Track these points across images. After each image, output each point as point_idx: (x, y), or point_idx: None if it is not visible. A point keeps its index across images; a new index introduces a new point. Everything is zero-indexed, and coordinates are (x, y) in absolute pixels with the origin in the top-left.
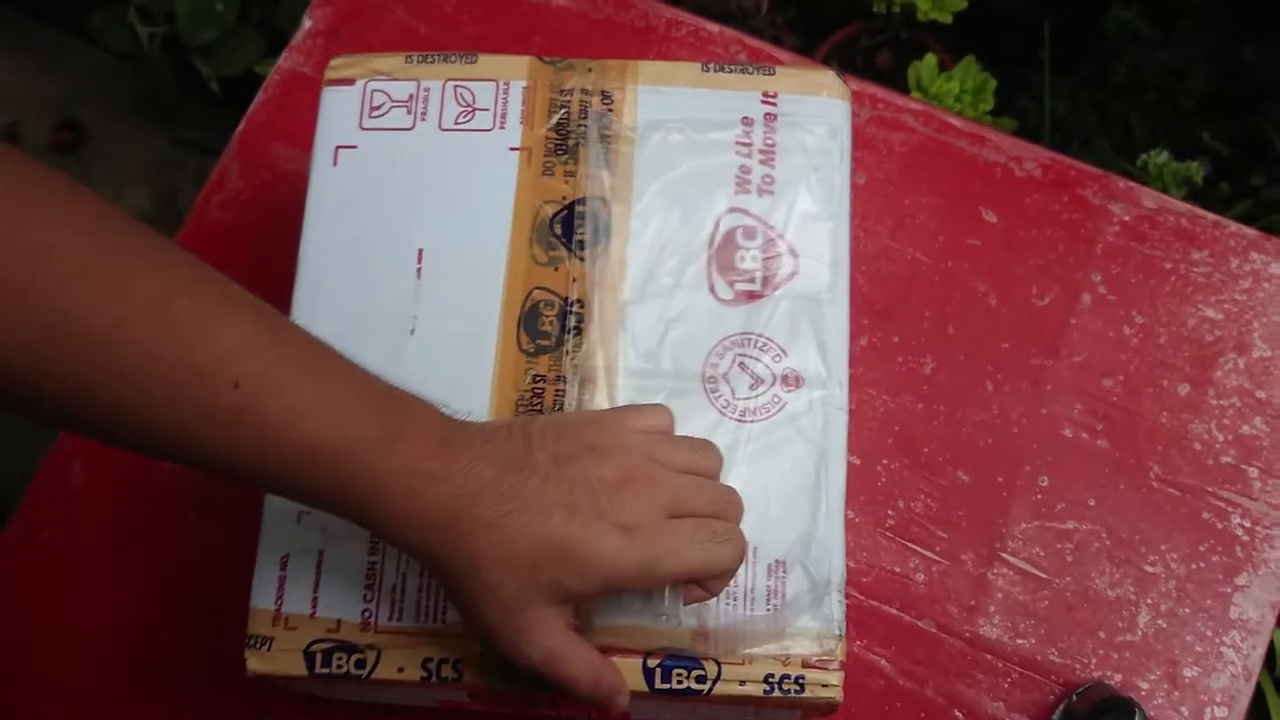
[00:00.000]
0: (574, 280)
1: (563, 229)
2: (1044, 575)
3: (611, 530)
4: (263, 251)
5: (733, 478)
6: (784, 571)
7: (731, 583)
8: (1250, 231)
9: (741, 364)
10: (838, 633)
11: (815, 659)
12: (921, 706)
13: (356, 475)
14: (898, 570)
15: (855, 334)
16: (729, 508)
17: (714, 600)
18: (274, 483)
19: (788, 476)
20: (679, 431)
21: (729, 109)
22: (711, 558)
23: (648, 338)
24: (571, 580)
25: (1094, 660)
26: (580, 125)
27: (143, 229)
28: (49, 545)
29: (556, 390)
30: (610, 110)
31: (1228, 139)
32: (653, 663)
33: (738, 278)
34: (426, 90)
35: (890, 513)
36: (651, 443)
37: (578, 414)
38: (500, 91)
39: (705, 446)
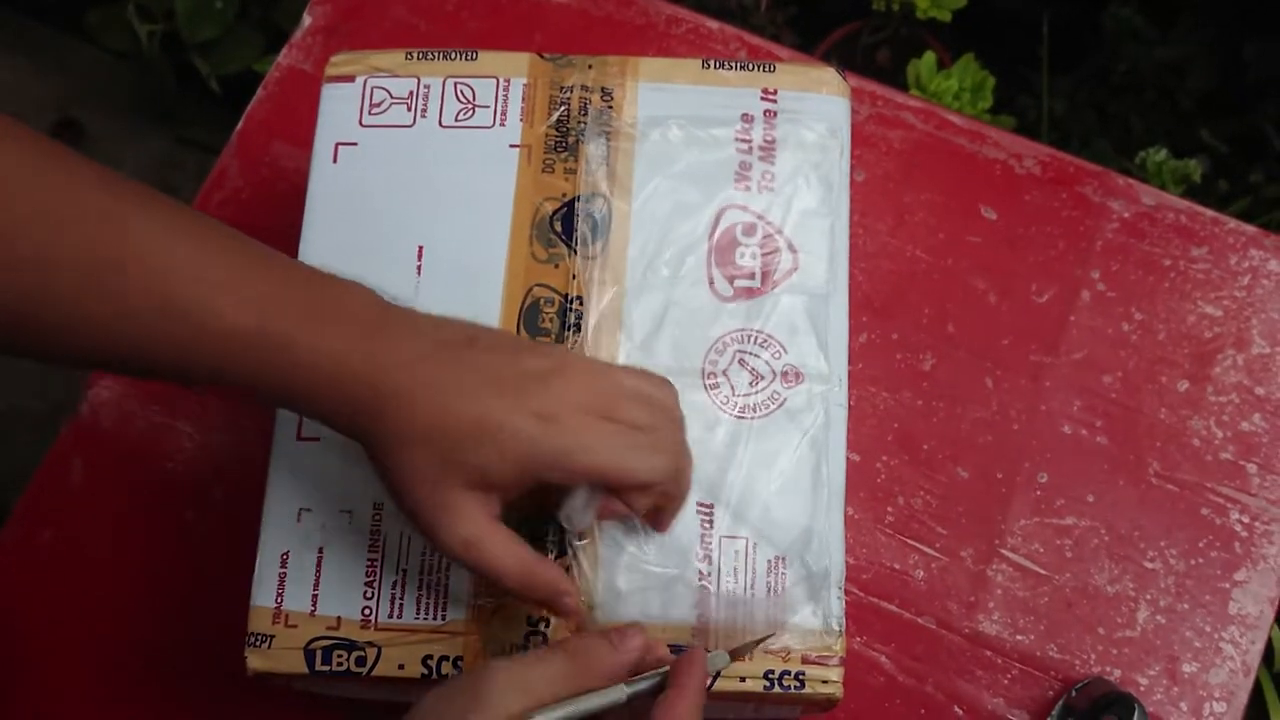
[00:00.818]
0: (574, 277)
1: (563, 226)
2: (1043, 571)
3: (531, 416)
4: None
5: (732, 474)
6: (784, 567)
7: (732, 579)
8: (1249, 228)
9: (741, 360)
10: (837, 629)
11: (815, 655)
12: (921, 703)
13: (278, 361)
14: (897, 567)
15: (855, 331)
16: (668, 429)
17: (713, 596)
18: (198, 372)
19: (787, 473)
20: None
21: (729, 105)
22: (628, 463)
23: (647, 334)
24: (490, 460)
25: (1093, 656)
26: (580, 122)
27: (40, 139)
28: (48, 544)
29: None
30: (610, 107)
31: (1226, 137)
32: None
33: (737, 274)
34: (427, 87)
35: (890, 509)
36: (596, 363)
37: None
38: (500, 88)
39: (658, 377)
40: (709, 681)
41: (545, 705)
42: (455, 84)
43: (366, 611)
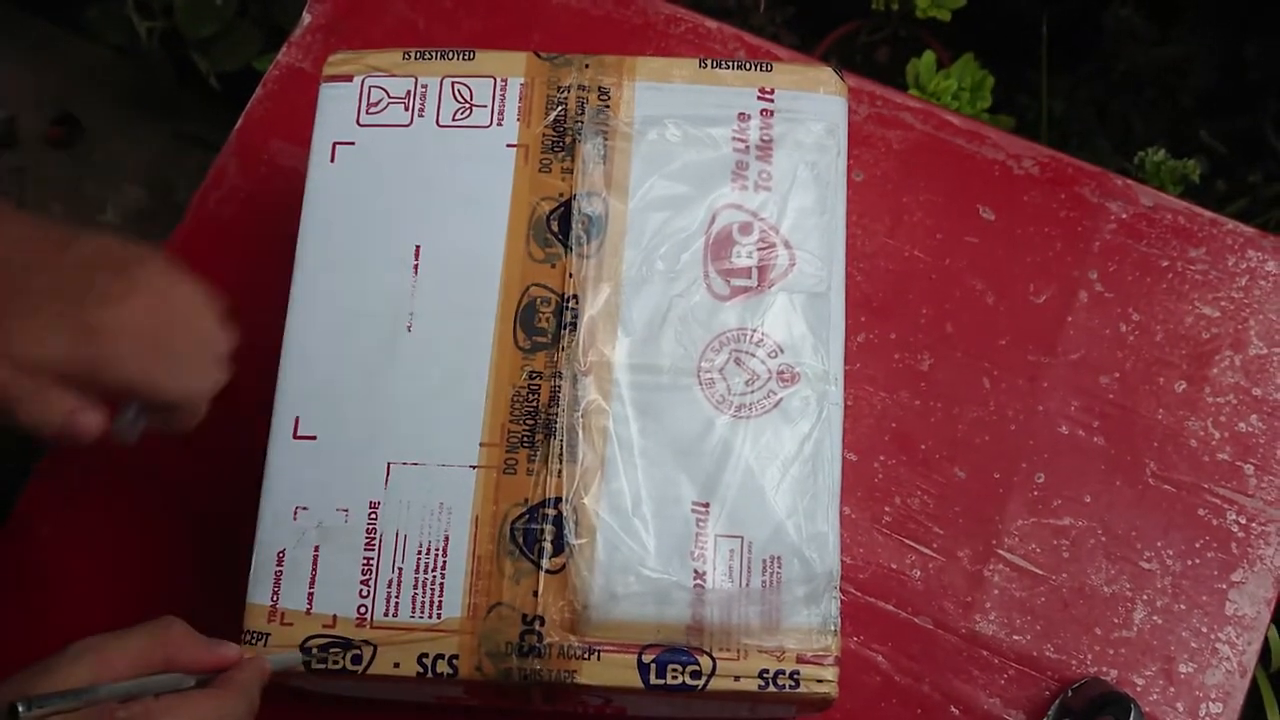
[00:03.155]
0: (570, 277)
1: (560, 226)
2: (1040, 572)
3: (79, 329)
4: (260, 247)
5: (728, 473)
6: (779, 567)
7: (727, 578)
8: (1247, 229)
9: (737, 359)
10: (833, 628)
11: (810, 654)
12: (917, 702)
13: None
14: (894, 566)
15: (852, 331)
16: (203, 357)
17: (708, 595)
18: None
19: (783, 472)
20: (672, 433)
21: (726, 105)
22: (159, 382)
23: (644, 334)
24: (36, 356)
25: (1090, 656)
26: (577, 122)
27: None
28: (47, 540)
29: (553, 386)
30: (607, 106)
31: (1225, 137)
32: (648, 658)
33: (733, 273)
34: (424, 87)
35: (887, 509)
36: (167, 291)
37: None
38: (498, 88)
39: (208, 311)
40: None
41: (120, 679)
42: (453, 84)
43: (362, 610)
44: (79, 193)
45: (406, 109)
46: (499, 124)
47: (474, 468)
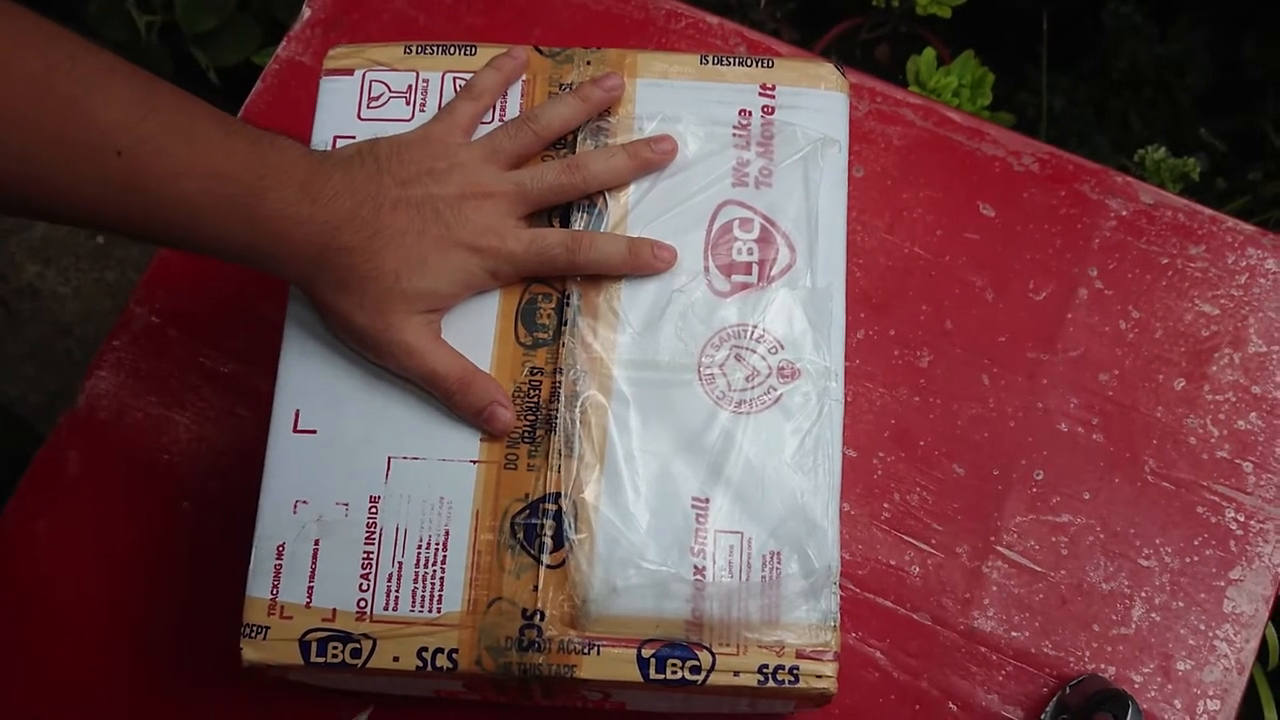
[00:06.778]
0: None
1: (560, 222)
2: (1039, 568)
3: (459, 247)
4: None
5: (729, 468)
6: (779, 562)
7: (727, 573)
8: (1247, 227)
9: (737, 356)
10: (832, 624)
11: (810, 650)
12: (916, 699)
13: (232, 227)
14: (893, 563)
15: (852, 327)
16: (578, 175)
17: (708, 590)
18: (164, 238)
19: (783, 468)
20: (672, 429)
21: (727, 101)
22: (548, 253)
23: (644, 329)
24: (432, 282)
25: (1088, 653)
26: None
27: (16, 11)
28: (44, 535)
29: (554, 383)
30: None
31: (1225, 135)
32: (647, 653)
33: (734, 269)
34: (425, 81)
35: (886, 505)
36: (483, 150)
37: (413, 133)
38: None
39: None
40: None
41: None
42: (454, 78)
43: (362, 604)
44: None
45: (408, 103)
46: (500, 119)
47: (475, 463)
